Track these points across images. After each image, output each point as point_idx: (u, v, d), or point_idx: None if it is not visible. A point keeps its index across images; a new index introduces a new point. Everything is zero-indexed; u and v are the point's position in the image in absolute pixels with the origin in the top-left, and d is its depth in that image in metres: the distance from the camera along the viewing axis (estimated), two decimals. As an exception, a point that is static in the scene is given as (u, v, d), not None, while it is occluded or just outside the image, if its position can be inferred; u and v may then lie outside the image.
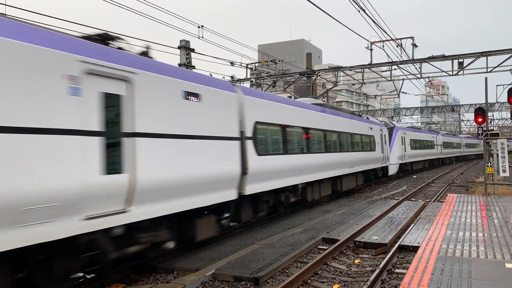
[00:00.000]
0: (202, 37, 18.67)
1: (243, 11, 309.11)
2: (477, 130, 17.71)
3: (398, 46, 23.35)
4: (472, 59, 22.90)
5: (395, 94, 36.75)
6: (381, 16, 39.69)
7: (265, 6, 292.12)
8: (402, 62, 24.15)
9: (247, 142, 10.09)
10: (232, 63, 23.01)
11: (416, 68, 24.34)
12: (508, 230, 9.67)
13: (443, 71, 24.05)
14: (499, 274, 6.38)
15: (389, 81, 27.23)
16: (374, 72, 26.91)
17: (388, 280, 7.30)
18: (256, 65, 27.81)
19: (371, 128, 22.13)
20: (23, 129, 5.14)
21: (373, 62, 25.02)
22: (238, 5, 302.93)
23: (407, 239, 9.51)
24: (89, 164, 5.93)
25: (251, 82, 27.60)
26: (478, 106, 33.83)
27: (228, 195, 9.32)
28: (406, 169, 32.15)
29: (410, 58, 23.81)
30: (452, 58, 23.17)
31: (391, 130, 28.55)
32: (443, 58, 23.24)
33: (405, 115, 50.21)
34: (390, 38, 22.40)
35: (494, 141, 17.50)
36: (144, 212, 6.92)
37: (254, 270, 7.36)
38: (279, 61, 28.42)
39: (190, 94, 8.09)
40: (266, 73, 28.63)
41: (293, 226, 11.61)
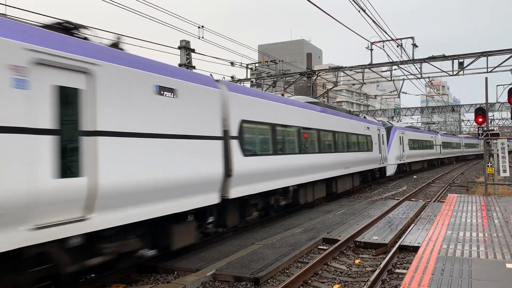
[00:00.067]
0: (203, 37, 18.69)
1: (243, 11, 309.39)
2: (477, 130, 17.70)
3: (398, 46, 23.39)
4: (472, 59, 22.92)
5: (395, 94, 36.77)
6: (381, 16, 39.72)
7: (265, 6, 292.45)
8: (402, 62, 24.17)
9: (232, 142, 9.46)
10: (232, 63, 23.04)
11: (416, 68, 24.40)
12: (508, 230, 9.66)
13: (444, 71, 24.08)
14: (500, 274, 6.38)
15: (389, 81, 27.24)
16: (374, 72, 26.93)
17: (388, 280, 7.30)
18: (256, 65, 27.84)
19: (368, 127, 21.50)
20: None
21: (373, 62, 25.06)
22: (238, 5, 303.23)
23: (408, 239, 9.52)
24: (38, 166, 5.25)
25: (251, 82, 27.61)
26: (478, 106, 33.82)
27: (208, 199, 8.60)
28: (405, 169, 31.65)
29: (410, 58, 23.84)
30: (452, 58, 23.20)
31: (389, 129, 27.93)
32: (444, 58, 23.28)
33: (405, 115, 50.21)
34: (390, 38, 22.42)
35: (495, 141, 17.51)
36: (108, 219, 6.24)
37: (255, 270, 7.36)
38: (279, 61, 28.45)
39: (164, 89, 7.39)
40: (267, 73, 28.66)
41: (293, 226, 11.61)
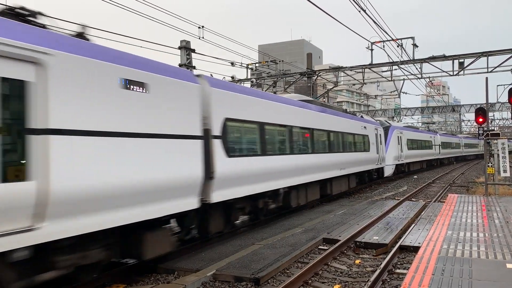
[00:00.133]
0: (203, 37, 18.70)
1: (243, 11, 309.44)
2: (477, 130, 17.70)
3: (398, 46, 23.38)
4: (472, 59, 22.91)
5: (396, 94, 36.77)
6: (381, 16, 39.70)
7: (265, 6, 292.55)
8: (403, 62, 24.16)
9: (214, 141, 8.79)
10: (232, 64, 23.06)
11: (416, 68, 24.38)
12: (509, 230, 9.66)
13: (444, 71, 24.07)
14: (500, 274, 6.38)
15: (389, 81, 27.21)
16: (374, 72, 26.91)
17: (388, 280, 7.30)
18: (256, 65, 27.85)
19: (365, 127, 20.87)
20: None
21: (373, 62, 25.05)
22: (238, 5, 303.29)
23: (408, 240, 9.52)
24: None
25: (252, 82, 27.63)
26: (478, 106, 33.83)
27: (185, 205, 7.88)
28: (403, 170, 31.07)
29: (411, 58, 23.83)
30: (452, 58, 23.19)
31: (387, 129, 27.40)
32: (444, 58, 23.27)
33: (405, 115, 50.18)
34: (391, 38, 22.42)
35: (495, 141, 17.51)
36: (63, 229, 5.55)
37: (255, 270, 7.36)
38: (280, 61, 28.47)
39: (132, 83, 6.70)
40: (267, 73, 28.67)
41: (293, 226, 11.61)
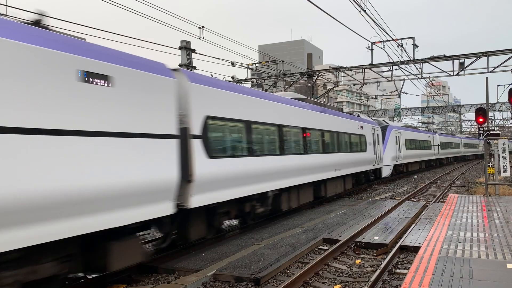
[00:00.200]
0: (203, 37, 18.71)
1: (243, 11, 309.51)
2: (478, 130, 17.71)
3: (398, 46, 23.41)
4: (473, 59, 22.93)
5: (396, 95, 36.80)
6: (381, 16, 39.75)
7: (265, 6, 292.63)
8: (403, 62, 24.18)
9: (193, 141, 8.10)
10: (232, 64, 23.06)
11: (417, 68, 24.41)
12: (509, 230, 9.66)
13: (444, 71, 24.10)
14: (500, 274, 6.38)
15: (390, 81, 27.23)
16: (375, 72, 26.93)
17: (389, 280, 7.30)
18: (256, 65, 27.87)
19: (362, 126, 20.12)
20: None
21: (373, 63, 25.08)
22: (238, 5, 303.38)
23: (408, 240, 9.51)
24: None
25: (252, 82, 27.65)
26: (479, 106, 33.81)
27: (159, 211, 7.15)
28: (401, 170, 30.34)
29: (411, 58, 23.85)
30: (453, 58, 23.21)
31: (385, 129, 26.67)
32: (444, 58, 23.30)
33: (406, 116, 50.18)
34: (391, 39, 22.44)
35: (495, 141, 17.51)
36: (5, 240, 4.81)
37: (255, 270, 7.36)
38: (280, 61, 28.50)
39: (93, 76, 6.04)
40: (267, 73, 28.70)
41: (294, 226, 11.62)
